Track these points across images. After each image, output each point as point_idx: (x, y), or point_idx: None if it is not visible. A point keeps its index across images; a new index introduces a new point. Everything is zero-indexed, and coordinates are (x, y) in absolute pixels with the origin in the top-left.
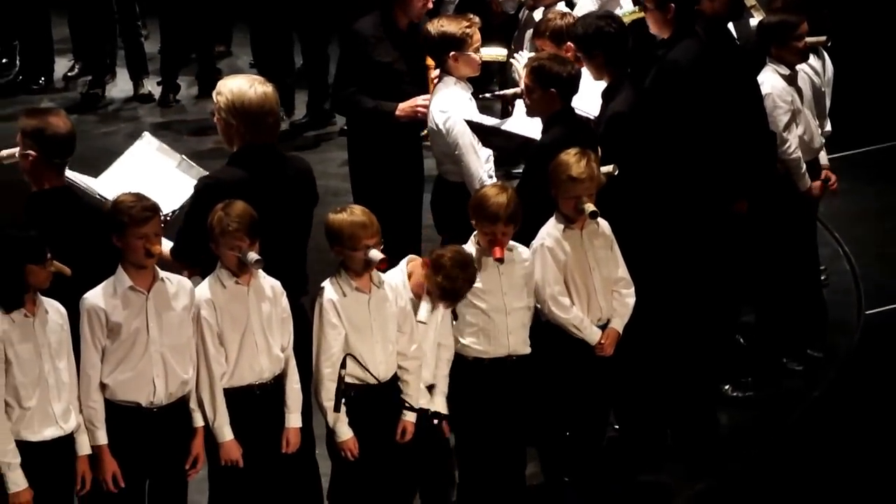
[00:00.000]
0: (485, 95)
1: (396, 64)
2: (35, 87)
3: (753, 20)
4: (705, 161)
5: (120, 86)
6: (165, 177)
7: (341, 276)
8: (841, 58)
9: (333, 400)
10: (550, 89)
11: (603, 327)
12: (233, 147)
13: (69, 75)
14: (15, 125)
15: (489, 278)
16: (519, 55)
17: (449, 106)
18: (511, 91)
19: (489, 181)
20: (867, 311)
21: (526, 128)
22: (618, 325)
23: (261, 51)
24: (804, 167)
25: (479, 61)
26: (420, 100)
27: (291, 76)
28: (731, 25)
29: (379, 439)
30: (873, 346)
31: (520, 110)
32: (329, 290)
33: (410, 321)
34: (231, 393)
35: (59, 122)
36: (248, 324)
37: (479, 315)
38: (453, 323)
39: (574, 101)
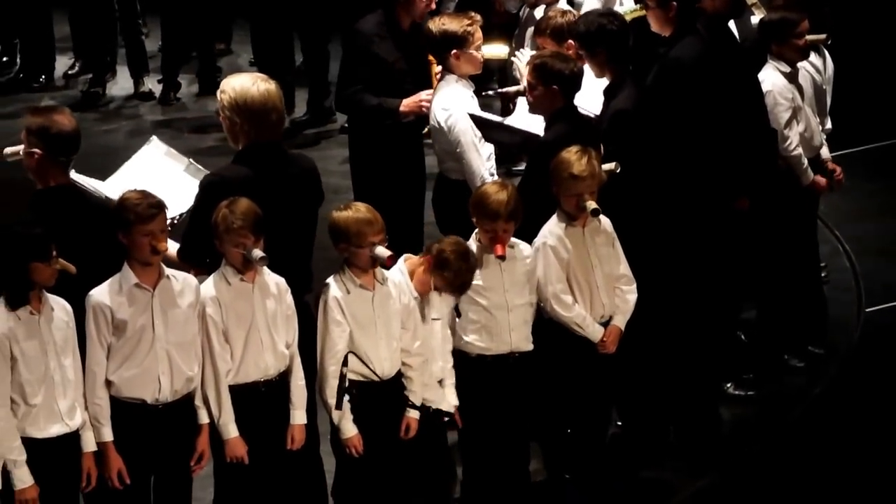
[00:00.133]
0: (487, 93)
1: (399, 63)
2: (36, 85)
3: (754, 18)
4: (707, 158)
5: (120, 84)
6: (173, 180)
7: (345, 274)
8: (841, 56)
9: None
10: (553, 86)
11: (605, 324)
12: (238, 145)
13: (69, 73)
14: (15, 123)
15: (491, 275)
16: (520, 53)
17: (451, 104)
18: (514, 88)
19: (490, 179)
20: (867, 309)
21: (528, 124)
22: (620, 322)
23: (261, 48)
24: (806, 163)
25: (481, 59)
26: (424, 94)
27: (291, 74)
28: (732, 23)
29: (383, 436)
30: (874, 344)
31: (521, 108)
32: (333, 288)
33: (414, 318)
34: (236, 390)
35: (65, 120)
36: (253, 321)
37: (482, 312)
38: (456, 320)
39: (576, 99)
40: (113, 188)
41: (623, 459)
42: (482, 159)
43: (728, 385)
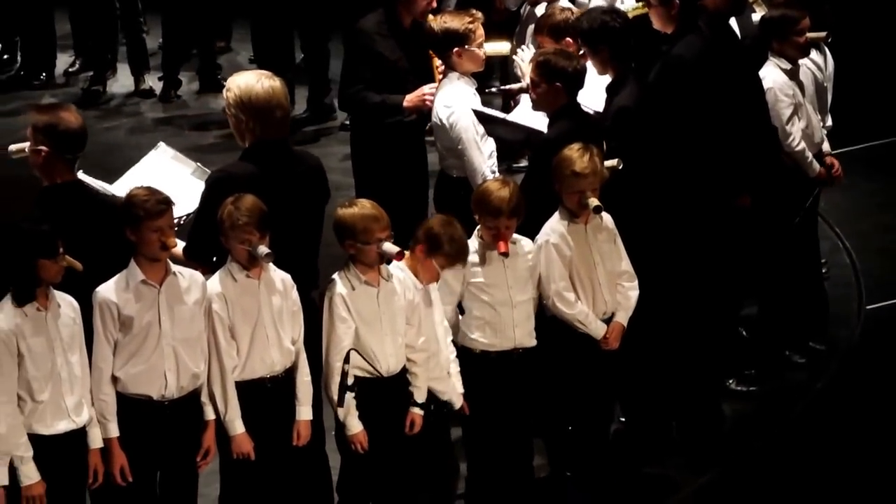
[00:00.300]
0: (490, 90)
1: (401, 61)
2: (36, 83)
3: (755, 15)
4: (709, 156)
5: (121, 81)
6: (180, 183)
7: (350, 270)
8: (842, 54)
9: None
10: (556, 84)
11: (607, 321)
12: (245, 143)
13: (70, 71)
14: (16, 120)
15: (494, 272)
16: (521, 51)
17: (453, 101)
18: (517, 86)
19: (491, 176)
20: (868, 306)
21: (531, 121)
22: (622, 319)
23: (261, 46)
24: (810, 156)
25: (483, 57)
26: (426, 89)
27: (291, 71)
28: (734, 21)
29: (388, 432)
30: (875, 341)
31: (523, 105)
32: (338, 284)
33: (418, 314)
34: (242, 386)
35: (71, 118)
36: (259, 317)
37: (486, 308)
38: (459, 318)
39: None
40: (120, 191)
41: (626, 455)
42: (483, 157)
43: (730, 381)
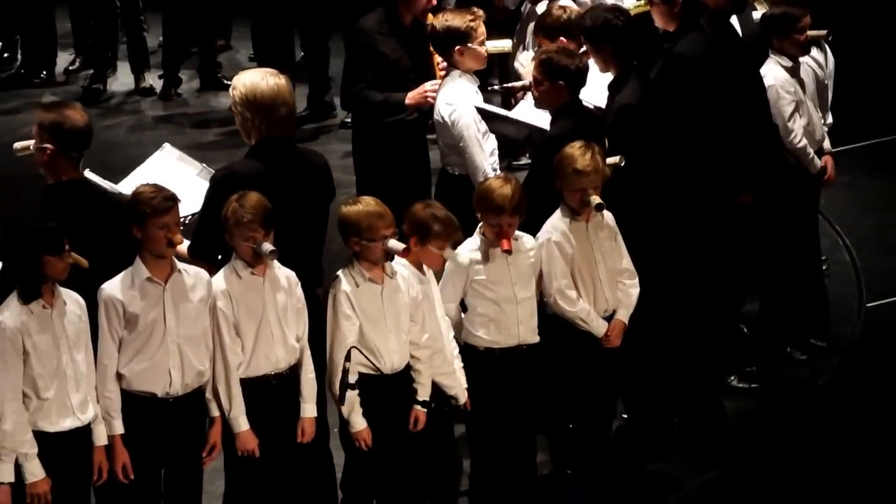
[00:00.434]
0: (492, 88)
1: (402, 60)
2: (37, 81)
3: (756, 13)
4: (711, 153)
5: (121, 79)
6: (186, 183)
7: (354, 268)
8: (843, 52)
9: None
10: (559, 82)
11: (608, 319)
12: (251, 141)
13: (70, 69)
14: (16, 118)
15: (498, 269)
16: (521, 50)
17: (455, 98)
18: (520, 84)
19: (493, 174)
20: (868, 304)
21: (534, 118)
22: (623, 316)
23: (261, 44)
24: (812, 153)
25: (485, 55)
26: (428, 85)
27: (291, 69)
28: (735, 18)
29: (392, 429)
30: (875, 338)
31: (525, 102)
32: (343, 281)
33: (422, 311)
34: (247, 383)
35: (77, 116)
36: (264, 314)
37: (490, 306)
38: (462, 315)
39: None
40: (126, 190)
41: (628, 452)
42: (485, 154)
43: (732, 378)
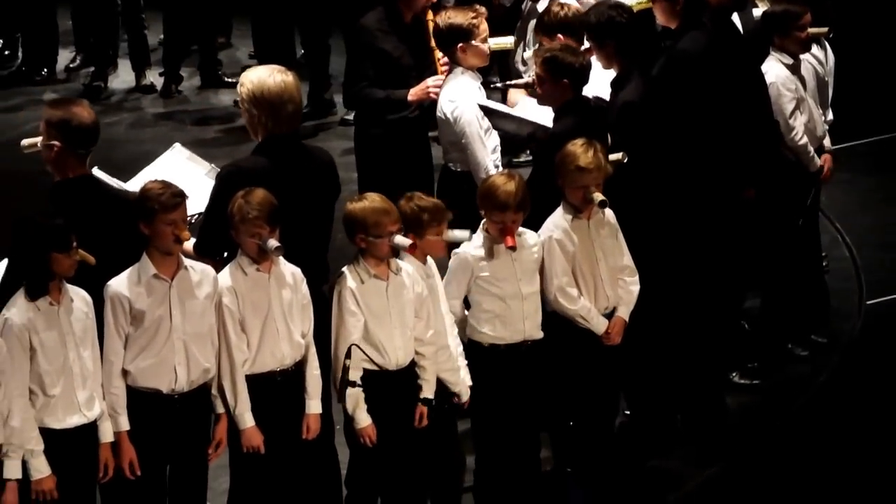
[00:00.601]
0: (496, 86)
1: (404, 57)
2: (38, 79)
3: (757, 10)
4: (713, 150)
5: (122, 77)
6: (194, 183)
7: (359, 264)
8: (843, 50)
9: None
10: (563, 80)
11: (609, 316)
12: (257, 138)
13: (71, 67)
14: (17, 116)
15: (502, 266)
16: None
17: (457, 95)
18: (522, 81)
19: (494, 171)
20: (868, 302)
21: (536, 115)
22: (624, 314)
23: (262, 42)
24: (812, 151)
25: (488, 51)
26: (430, 81)
27: (292, 67)
28: (736, 16)
29: (396, 425)
30: (875, 335)
31: (526, 100)
32: (348, 278)
33: (427, 307)
34: (252, 379)
35: (84, 113)
36: (270, 310)
37: (496, 302)
38: (466, 312)
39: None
40: (135, 188)
41: (631, 448)
42: (487, 151)
43: (733, 374)
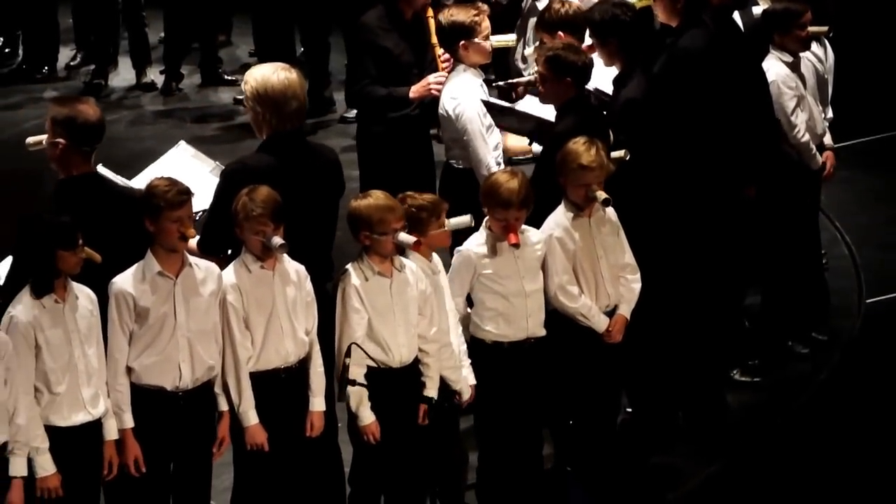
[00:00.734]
0: (498, 84)
1: (404, 55)
2: (38, 76)
3: (757, 9)
4: (715, 148)
5: (122, 74)
6: (199, 180)
7: (363, 261)
8: (843, 48)
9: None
10: (566, 78)
11: (610, 313)
12: (262, 135)
13: (72, 64)
14: (18, 113)
15: (505, 263)
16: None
17: (460, 93)
18: (524, 79)
19: (496, 168)
20: (868, 300)
21: (540, 111)
22: (625, 311)
23: (262, 40)
24: (814, 148)
25: (490, 49)
26: (432, 78)
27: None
28: (737, 14)
29: (400, 423)
30: (875, 334)
31: (528, 98)
32: (352, 275)
33: (431, 304)
34: (256, 377)
35: (90, 110)
36: (274, 308)
37: (499, 300)
38: (469, 310)
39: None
40: (140, 186)
41: (633, 446)
42: (489, 148)
43: (734, 372)
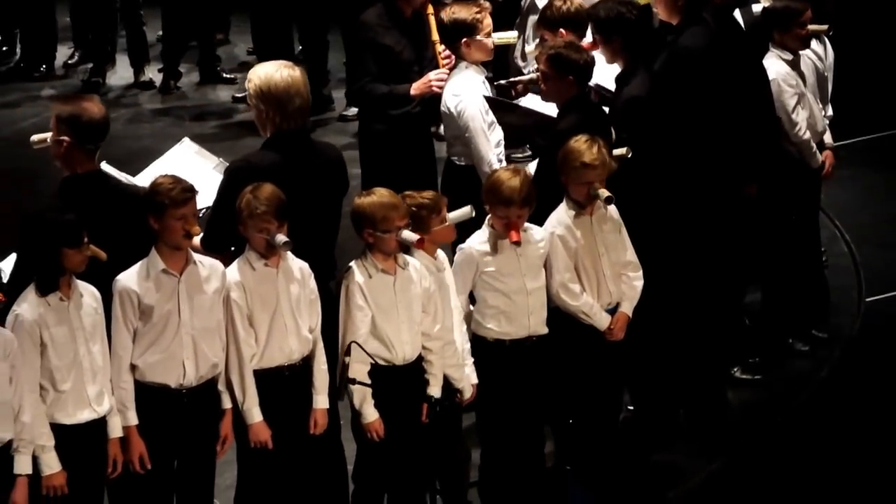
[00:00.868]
0: (499, 83)
1: (404, 53)
2: (36, 75)
3: (757, 6)
4: (716, 146)
5: (120, 73)
6: (203, 177)
7: (367, 259)
8: (843, 47)
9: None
10: (568, 76)
11: (612, 311)
12: (266, 133)
13: (69, 63)
14: (15, 112)
15: (507, 261)
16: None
17: (461, 90)
18: (526, 78)
19: (498, 165)
20: (868, 299)
21: (542, 107)
22: (627, 309)
23: (260, 38)
24: (814, 146)
25: (492, 46)
26: (432, 74)
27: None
28: (737, 12)
29: (403, 420)
30: (875, 332)
31: (528, 96)
32: (355, 273)
33: (434, 302)
34: (260, 374)
35: (94, 108)
36: (278, 305)
37: (500, 297)
38: (471, 307)
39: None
40: (143, 183)
41: (634, 444)
42: (490, 145)
43: (735, 369)
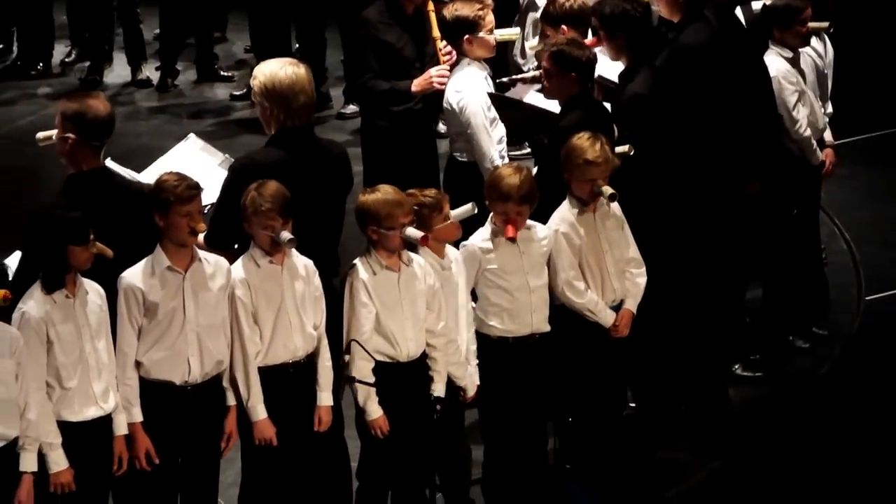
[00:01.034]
0: (501, 80)
1: (406, 49)
2: (33, 73)
3: (757, 4)
4: (717, 143)
5: (117, 71)
6: (208, 173)
7: (371, 256)
8: (843, 45)
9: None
10: (570, 74)
11: (616, 308)
12: (271, 131)
13: (66, 61)
14: (12, 110)
15: (510, 258)
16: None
17: (464, 86)
18: (528, 75)
19: (500, 161)
20: (867, 297)
21: (546, 103)
22: (631, 306)
23: (258, 36)
24: (815, 144)
25: (494, 43)
26: (433, 71)
27: None
28: (738, 9)
29: (408, 417)
30: (875, 331)
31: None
32: (360, 270)
33: (439, 299)
34: (265, 371)
35: (100, 105)
36: (282, 302)
37: (503, 295)
38: (473, 305)
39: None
40: (149, 180)
41: (637, 440)
42: (492, 141)
43: (736, 367)
